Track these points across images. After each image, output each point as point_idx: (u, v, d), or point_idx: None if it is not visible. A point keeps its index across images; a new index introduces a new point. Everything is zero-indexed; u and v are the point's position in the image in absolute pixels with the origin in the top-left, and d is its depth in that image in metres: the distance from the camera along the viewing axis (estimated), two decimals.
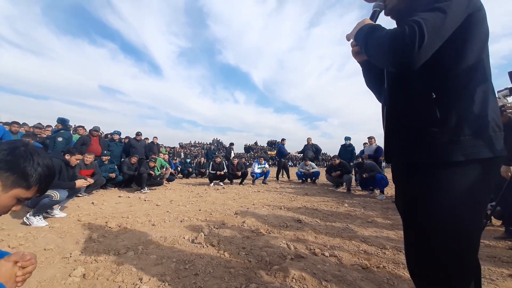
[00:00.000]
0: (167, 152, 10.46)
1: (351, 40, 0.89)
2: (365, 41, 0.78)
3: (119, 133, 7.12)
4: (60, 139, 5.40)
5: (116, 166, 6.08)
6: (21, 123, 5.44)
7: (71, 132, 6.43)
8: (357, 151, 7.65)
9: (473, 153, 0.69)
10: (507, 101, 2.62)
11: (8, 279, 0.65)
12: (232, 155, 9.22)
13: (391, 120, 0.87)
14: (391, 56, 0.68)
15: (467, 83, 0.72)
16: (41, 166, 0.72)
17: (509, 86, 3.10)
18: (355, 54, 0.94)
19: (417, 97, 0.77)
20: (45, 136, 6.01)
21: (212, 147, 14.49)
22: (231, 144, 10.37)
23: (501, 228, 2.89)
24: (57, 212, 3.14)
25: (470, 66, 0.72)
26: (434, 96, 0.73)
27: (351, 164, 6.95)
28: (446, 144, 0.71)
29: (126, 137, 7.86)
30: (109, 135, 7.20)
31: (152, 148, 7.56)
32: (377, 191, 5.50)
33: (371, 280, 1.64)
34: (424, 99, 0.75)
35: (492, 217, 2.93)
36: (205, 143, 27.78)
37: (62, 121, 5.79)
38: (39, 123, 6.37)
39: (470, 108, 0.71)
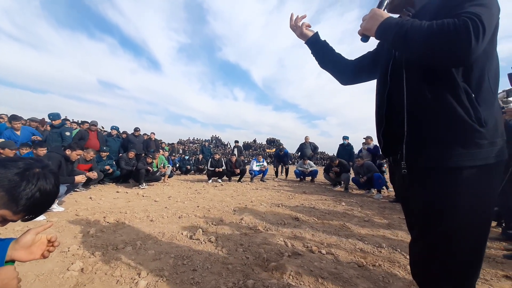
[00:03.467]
0: (168, 149, 10.41)
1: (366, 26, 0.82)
2: (403, 36, 0.71)
3: (116, 128, 7.09)
4: (67, 133, 5.44)
5: (114, 162, 6.06)
6: (20, 117, 5.37)
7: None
8: (356, 150, 7.68)
9: (501, 155, 0.73)
10: (501, 103, 2.65)
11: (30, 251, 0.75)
12: (235, 153, 9.21)
13: (414, 122, 0.79)
14: (452, 51, 0.65)
15: (495, 86, 0.75)
16: (40, 192, 0.69)
17: (506, 89, 3.11)
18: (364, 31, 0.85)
19: (456, 96, 0.72)
20: (42, 129, 5.96)
21: (206, 143, 14.55)
22: (236, 142, 10.34)
23: (495, 229, 2.93)
24: (55, 207, 3.13)
25: (495, 70, 0.75)
26: (474, 96, 0.72)
27: (350, 163, 6.99)
28: (487, 145, 0.72)
29: (124, 132, 7.81)
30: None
31: (149, 145, 7.51)
32: (374, 191, 5.54)
33: (366, 278, 1.67)
34: (465, 98, 0.71)
35: None
36: (203, 139, 27.72)
37: (58, 116, 5.72)
38: (37, 119, 6.31)
39: (498, 111, 0.75)
